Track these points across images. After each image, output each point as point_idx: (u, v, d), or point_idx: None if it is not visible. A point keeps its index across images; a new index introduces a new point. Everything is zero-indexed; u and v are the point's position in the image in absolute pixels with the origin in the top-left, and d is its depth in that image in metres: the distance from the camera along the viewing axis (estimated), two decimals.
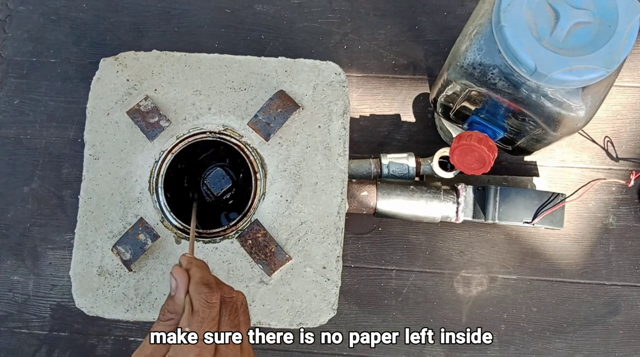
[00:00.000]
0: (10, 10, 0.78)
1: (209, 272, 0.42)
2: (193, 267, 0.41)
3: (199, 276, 0.41)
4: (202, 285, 0.40)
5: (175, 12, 0.77)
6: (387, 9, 0.76)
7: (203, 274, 0.41)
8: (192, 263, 0.42)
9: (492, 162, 0.59)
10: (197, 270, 0.41)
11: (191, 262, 0.42)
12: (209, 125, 0.60)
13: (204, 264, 0.42)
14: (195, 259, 0.42)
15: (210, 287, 0.40)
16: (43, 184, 0.73)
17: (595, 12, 0.46)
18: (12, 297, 0.72)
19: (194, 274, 0.41)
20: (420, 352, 0.69)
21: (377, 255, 0.71)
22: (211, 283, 0.40)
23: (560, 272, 0.70)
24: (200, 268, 0.42)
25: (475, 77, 0.51)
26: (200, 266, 0.42)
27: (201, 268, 0.42)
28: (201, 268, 0.42)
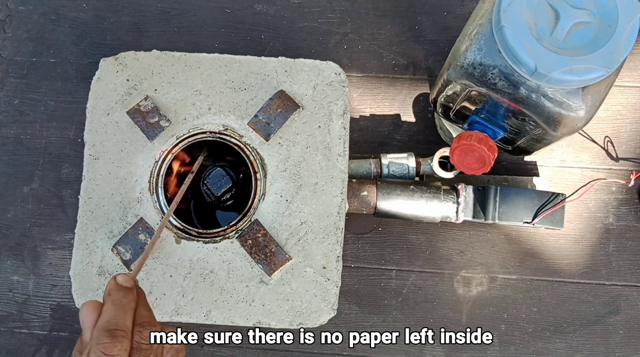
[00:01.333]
0: (10, 10, 0.78)
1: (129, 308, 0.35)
2: (107, 302, 0.35)
3: (105, 319, 0.34)
4: (104, 332, 0.33)
5: (175, 12, 0.77)
6: (387, 9, 0.76)
7: (112, 317, 0.34)
8: (110, 295, 0.35)
9: (492, 162, 0.59)
10: (109, 309, 0.34)
11: (110, 294, 0.35)
12: (209, 125, 0.60)
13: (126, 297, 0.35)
14: (120, 288, 0.36)
15: (114, 335, 0.33)
16: (43, 184, 0.73)
17: (595, 12, 0.46)
18: (12, 297, 0.72)
19: (103, 314, 0.34)
20: (420, 352, 0.69)
21: (377, 255, 0.71)
22: (118, 330, 0.33)
23: (560, 272, 0.70)
24: (114, 306, 0.35)
25: (475, 77, 0.51)
26: (116, 303, 0.35)
27: (116, 306, 0.35)
28: (116, 306, 0.35)
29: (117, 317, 0.34)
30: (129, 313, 0.35)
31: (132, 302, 0.35)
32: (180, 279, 0.58)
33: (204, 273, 0.58)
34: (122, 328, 0.33)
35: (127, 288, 0.36)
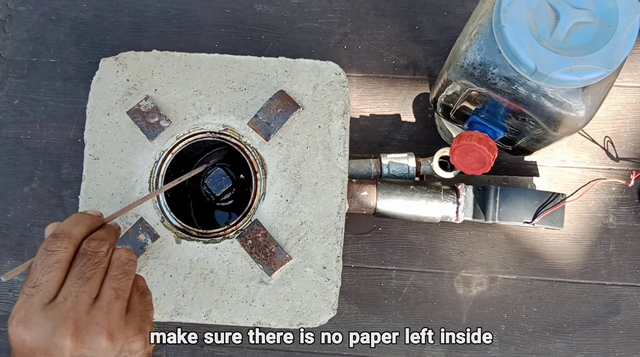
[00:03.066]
0: (10, 10, 0.78)
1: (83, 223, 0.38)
2: (65, 220, 0.38)
3: (57, 227, 0.37)
4: (50, 235, 0.36)
5: (175, 12, 0.77)
6: (387, 9, 0.76)
7: (61, 225, 0.37)
8: (70, 217, 0.38)
9: (492, 162, 0.59)
10: (63, 222, 0.37)
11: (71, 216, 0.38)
12: (209, 125, 0.60)
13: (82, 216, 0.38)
14: (79, 213, 0.39)
15: (56, 236, 0.36)
16: (43, 184, 0.73)
17: (595, 12, 0.46)
18: (12, 297, 0.72)
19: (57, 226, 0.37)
20: (420, 352, 0.69)
21: (377, 255, 0.71)
22: (61, 233, 0.36)
23: (560, 272, 0.70)
24: (69, 220, 0.37)
25: (475, 77, 0.51)
26: (72, 218, 0.38)
27: (70, 220, 0.38)
28: (70, 220, 0.38)
29: (65, 226, 0.37)
30: (79, 226, 0.37)
31: (88, 221, 0.38)
32: (180, 279, 0.58)
33: (204, 273, 0.58)
34: (67, 233, 0.36)
35: (87, 213, 0.39)
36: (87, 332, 0.35)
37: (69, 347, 0.34)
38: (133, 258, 0.38)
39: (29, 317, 0.34)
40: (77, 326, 0.34)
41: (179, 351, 0.69)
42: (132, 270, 0.38)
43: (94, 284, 0.36)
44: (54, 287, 0.35)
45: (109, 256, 0.37)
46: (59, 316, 0.34)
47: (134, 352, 0.37)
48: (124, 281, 0.37)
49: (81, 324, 0.35)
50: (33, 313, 0.34)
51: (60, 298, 0.35)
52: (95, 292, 0.36)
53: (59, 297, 0.35)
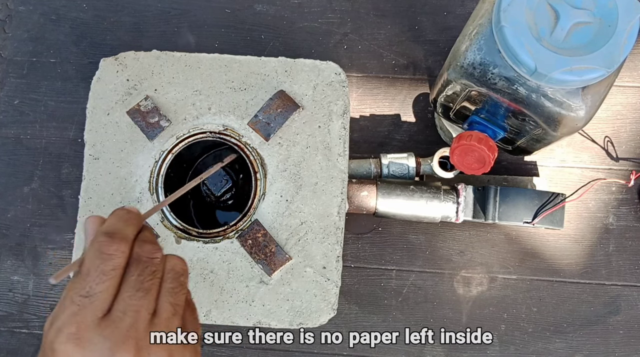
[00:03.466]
0: (10, 10, 0.78)
1: (132, 223, 0.33)
2: (110, 216, 0.33)
3: (106, 224, 0.32)
4: (103, 234, 0.31)
5: (175, 12, 0.77)
6: (387, 9, 0.76)
7: (113, 224, 0.33)
8: (114, 212, 0.33)
9: (492, 162, 0.59)
10: (111, 220, 0.33)
11: (113, 212, 0.34)
12: (209, 125, 0.60)
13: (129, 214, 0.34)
14: (124, 208, 0.34)
15: (112, 237, 0.31)
16: (43, 184, 0.73)
17: (595, 12, 0.46)
18: (12, 297, 0.72)
19: (105, 224, 0.33)
20: (420, 352, 0.69)
21: (377, 255, 0.71)
22: (117, 233, 0.32)
23: (560, 272, 0.70)
24: (116, 218, 0.33)
25: (475, 77, 0.51)
26: (119, 216, 0.33)
27: (118, 218, 0.33)
28: (118, 218, 0.33)
29: (119, 225, 0.33)
30: (131, 226, 0.33)
31: (135, 220, 0.34)
32: None
33: (204, 273, 0.58)
34: (122, 234, 0.32)
35: (131, 210, 0.34)
36: (149, 354, 0.31)
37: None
38: (187, 268, 0.35)
39: (83, 334, 0.30)
40: (139, 347, 0.30)
41: None
42: (186, 283, 0.35)
43: (152, 297, 0.32)
44: (109, 299, 0.31)
45: (163, 264, 0.34)
46: (118, 335, 0.30)
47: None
48: (180, 295, 0.34)
49: (142, 345, 0.31)
50: (87, 330, 0.30)
51: (117, 312, 0.31)
52: (153, 307, 0.32)
53: (115, 311, 0.31)
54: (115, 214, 0.33)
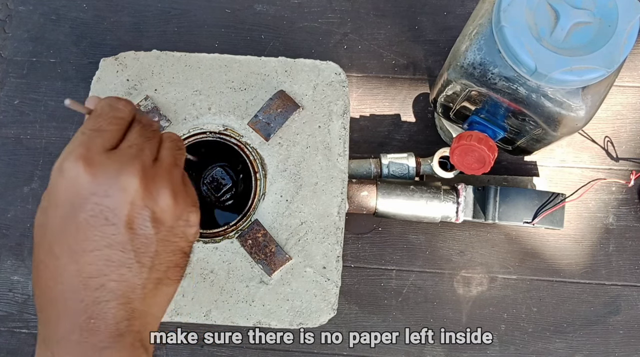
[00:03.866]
0: (10, 10, 0.78)
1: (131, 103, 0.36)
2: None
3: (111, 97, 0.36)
4: (111, 97, 0.35)
5: (175, 12, 0.77)
6: (387, 9, 0.76)
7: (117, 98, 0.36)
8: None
9: (492, 162, 0.59)
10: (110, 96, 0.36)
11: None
12: (209, 125, 0.60)
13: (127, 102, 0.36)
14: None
15: (119, 99, 0.35)
16: (43, 184, 0.73)
17: (595, 12, 0.46)
18: (12, 297, 0.72)
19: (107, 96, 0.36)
20: (420, 352, 0.69)
21: (377, 255, 0.71)
22: (123, 98, 0.35)
23: (560, 272, 0.70)
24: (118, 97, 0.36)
25: (475, 77, 0.51)
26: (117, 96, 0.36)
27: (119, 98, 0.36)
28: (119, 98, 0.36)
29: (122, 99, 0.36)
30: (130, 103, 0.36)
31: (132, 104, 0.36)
32: None
33: (204, 273, 0.58)
34: (128, 100, 0.35)
35: None
36: (154, 182, 0.32)
37: (135, 190, 0.31)
38: (183, 142, 0.37)
39: (92, 155, 0.31)
40: (145, 172, 0.32)
41: (179, 351, 0.69)
42: (184, 149, 0.37)
43: (154, 144, 0.34)
44: (117, 138, 0.33)
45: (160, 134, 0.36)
46: (125, 160, 0.32)
47: (191, 224, 0.35)
48: (179, 153, 0.36)
49: (148, 173, 0.32)
50: (96, 153, 0.31)
51: (124, 146, 0.32)
52: (155, 152, 0.34)
53: (122, 146, 0.33)
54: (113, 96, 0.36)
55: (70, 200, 0.31)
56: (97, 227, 0.31)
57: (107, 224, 0.31)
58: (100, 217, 0.31)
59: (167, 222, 0.33)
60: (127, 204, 0.31)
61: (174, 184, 0.34)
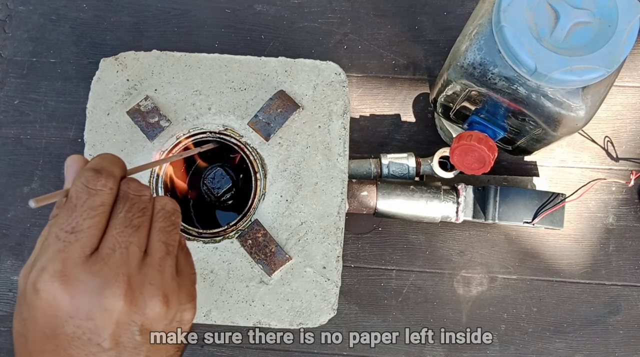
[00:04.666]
0: (10, 10, 0.78)
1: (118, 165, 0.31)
2: (95, 158, 0.31)
3: (92, 162, 0.30)
4: (88, 170, 0.29)
5: (175, 12, 0.77)
6: (387, 9, 0.76)
7: (98, 161, 0.30)
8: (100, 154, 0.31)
9: (492, 162, 0.59)
10: (96, 159, 0.31)
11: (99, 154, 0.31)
12: (209, 125, 0.60)
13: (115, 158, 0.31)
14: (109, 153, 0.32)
15: (99, 172, 0.29)
16: (43, 184, 0.73)
17: (595, 12, 0.46)
18: (12, 297, 0.72)
19: (91, 162, 0.30)
20: (420, 352, 0.69)
21: (377, 255, 0.71)
22: (104, 170, 0.29)
23: (560, 272, 0.70)
24: (102, 158, 0.31)
25: (475, 77, 0.51)
26: (104, 157, 0.31)
27: (103, 158, 0.31)
28: (103, 158, 0.31)
29: (105, 163, 0.30)
30: (117, 166, 0.31)
31: (121, 163, 0.32)
32: None
33: (204, 273, 0.58)
34: (109, 170, 0.30)
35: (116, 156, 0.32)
36: (142, 293, 0.28)
37: (120, 311, 0.28)
38: (178, 208, 0.32)
39: (70, 271, 0.27)
40: (130, 285, 0.28)
41: None
42: (178, 222, 0.32)
43: (142, 234, 0.30)
44: (97, 235, 0.28)
45: (152, 203, 0.31)
46: (108, 272, 0.27)
47: (184, 322, 0.32)
48: (172, 234, 0.31)
49: (134, 282, 0.28)
50: (74, 267, 0.27)
51: (106, 249, 0.28)
52: (144, 245, 0.30)
53: (103, 247, 0.28)
54: (100, 156, 0.31)
55: (49, 321, 0.27)
56: (79, 346, 0.28)
57: (90, 344, 0.28)
58: (83, 338, 0.28)
59: (158, 329, 0.30)
60: (111, 324, 0.28)
61: (165, 284, 0.30)
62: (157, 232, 0.30)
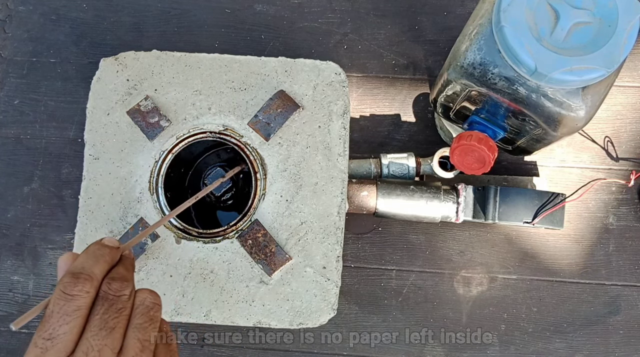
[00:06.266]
0: (10, 10, 0.78)
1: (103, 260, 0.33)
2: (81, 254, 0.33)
3: (74, 265, 0.32)
4: (68, 274, 0.31)
5: (175, 12, 0.77)
6: (387, 9, 0.76)
7: (80, 263, 0.32)
8: (87, 249, 0.33)
9: (492, 162, 0.59)
10: (80, 258, 0.33)
11: (87, 248, 0.33)
12: (209, 125, 0.60)
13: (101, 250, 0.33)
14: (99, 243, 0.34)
15: (76, 277, 0.31)
16: (43, 184, 0.73)
17: (595, 12, 0.46)
18: (12, 297, 0.72)
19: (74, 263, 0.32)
20: (420, 352, 0.69)
21: (377, 255, 0.71)
22: (82, 273, 0.31)
23: (560, 272, 0.70)
24: (87, 255, 0.33)
25: (475, 77, 0.51)
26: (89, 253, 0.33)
27: (88, 255, 0.33)
28: (88, 255, 0.33)
29: (85, 263, 0.32)
30: (100, 264, 0.32)
31: (107, 257, 0.33)
32: (180, 279, 0.58)
33: (204, 273, 0.58)
34: (87, 272, 0.31)
35: (106, 245, 0.34)
36: None
37: None
38: (158, 302, 0.34)
39: None
40: None
41: (179, 351, 0.69)
42: (157, 316, 0.34)
43: (117, 335, 0.31)
44: (72, 340, 0.30)
45: (132, 299, 0.33)
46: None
47: None
48: (149, 330, 0.33)
49: None
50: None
51: (80, 353, 0.30)
52: (119, 345, 0.32)
53: (77, 352, 0.30)
54: (87, 251, 0.33)
55: None
56: None
57: None
58: None
59: None
60: None
61: None
62: (133, 329, 0.32)
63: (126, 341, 0.32)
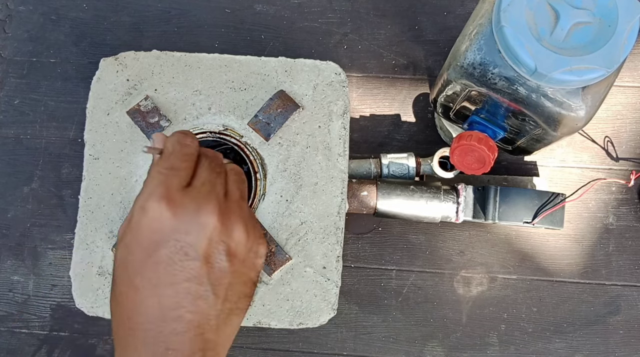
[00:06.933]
0: (10, 10, 0.78)
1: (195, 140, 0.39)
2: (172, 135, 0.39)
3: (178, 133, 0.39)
4: (177, 133, 0.38)
5: (175, 12, 0.77)
6: (387, 9, 0.76)
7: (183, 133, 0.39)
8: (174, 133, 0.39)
9: (492, 162, 0.59)
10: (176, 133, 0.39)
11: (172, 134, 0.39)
12: (209, 125, 0.60)
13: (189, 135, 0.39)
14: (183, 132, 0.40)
15: (185, 133, 0.38)
16: (43, 184, 0.73)
17: (595, 12, 0.46)
18: (12, 297, 0.72)
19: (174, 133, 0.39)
20: (420, 352, 0.69)
21: (377, 255, 0.71)
22: (188, 132, 0.38)
23: (560, 272, 0.70)
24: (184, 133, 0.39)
25: (475, 77, 0.51)
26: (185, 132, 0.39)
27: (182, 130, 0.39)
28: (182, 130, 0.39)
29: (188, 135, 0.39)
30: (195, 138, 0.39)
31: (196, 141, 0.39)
32: None
33: None
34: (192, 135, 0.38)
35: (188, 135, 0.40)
36: (229, 217, 0.35)
37: (213, 228, 0.34)
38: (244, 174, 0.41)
39: (172, 195, 0.34)
40: (221, 209, 0.35)
41: None
42: (246, 181, 0.40)
43: (223, 180, 0.37)
44: (189, 175, 0.35)
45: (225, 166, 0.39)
46: (202, 197, 0.34)
47: (259, 255, 0.38)
48: (243, 187, 0.39)
49: (223, 208, 0.35)
50: (175, 192, 0.34)
51: (198, 183, 0.35)
52: (225, 189, 0.37)
53: (196, 182, 0.35)
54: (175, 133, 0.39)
55: (153, 237, 0.34)
56: (177, 262, 0.33)
57: (187, 259, 0.33)
58: (181, 253, 0.33)
59: (239, 255, 0.36)
60: (205, 240, 0.34)
61: (245, 218, 0.36)
62: (233, 181, 0.38)
63: (229, 188, 0.38)
